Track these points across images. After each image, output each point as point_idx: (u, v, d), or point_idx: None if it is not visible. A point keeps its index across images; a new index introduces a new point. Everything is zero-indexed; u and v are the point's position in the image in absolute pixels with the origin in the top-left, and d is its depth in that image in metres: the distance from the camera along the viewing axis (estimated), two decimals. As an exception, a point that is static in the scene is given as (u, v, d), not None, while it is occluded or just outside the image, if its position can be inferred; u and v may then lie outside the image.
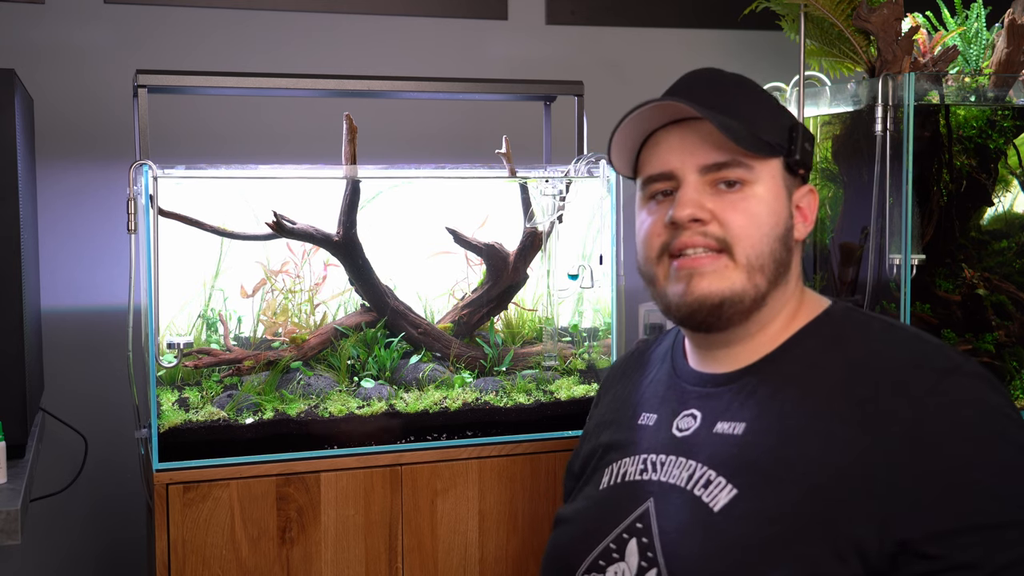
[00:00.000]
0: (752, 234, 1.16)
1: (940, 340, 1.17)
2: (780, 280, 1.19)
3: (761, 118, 1.20)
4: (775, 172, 1.19)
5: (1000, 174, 1.88)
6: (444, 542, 1.72)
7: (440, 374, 1.83)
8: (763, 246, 1.16)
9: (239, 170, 1.74)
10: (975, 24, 1.94)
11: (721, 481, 1.12)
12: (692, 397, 1.23)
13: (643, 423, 1.27)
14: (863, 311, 1.23)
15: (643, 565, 1.14)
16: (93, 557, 2.34)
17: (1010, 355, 1.86)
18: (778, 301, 1.20)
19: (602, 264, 1.88)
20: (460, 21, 2.53)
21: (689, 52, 2.70)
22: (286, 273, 1.82)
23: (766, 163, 1.18)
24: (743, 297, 1.16)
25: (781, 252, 1.18)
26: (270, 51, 2.38)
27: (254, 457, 1.65)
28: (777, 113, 1.22)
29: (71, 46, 2.25)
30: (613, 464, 1.26)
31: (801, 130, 1.21)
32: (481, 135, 2.38)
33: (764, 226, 1.17)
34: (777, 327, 1.21)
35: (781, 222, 1.18)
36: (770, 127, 1.19)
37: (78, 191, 2.26)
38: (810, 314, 1.22)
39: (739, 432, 1.14)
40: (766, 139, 1.18)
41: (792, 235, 1.20)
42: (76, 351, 2.25)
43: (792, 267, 1.21)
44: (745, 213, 1.16)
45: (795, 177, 1.22)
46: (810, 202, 1.24)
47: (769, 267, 1.17)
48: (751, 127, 1.17)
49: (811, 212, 1.23)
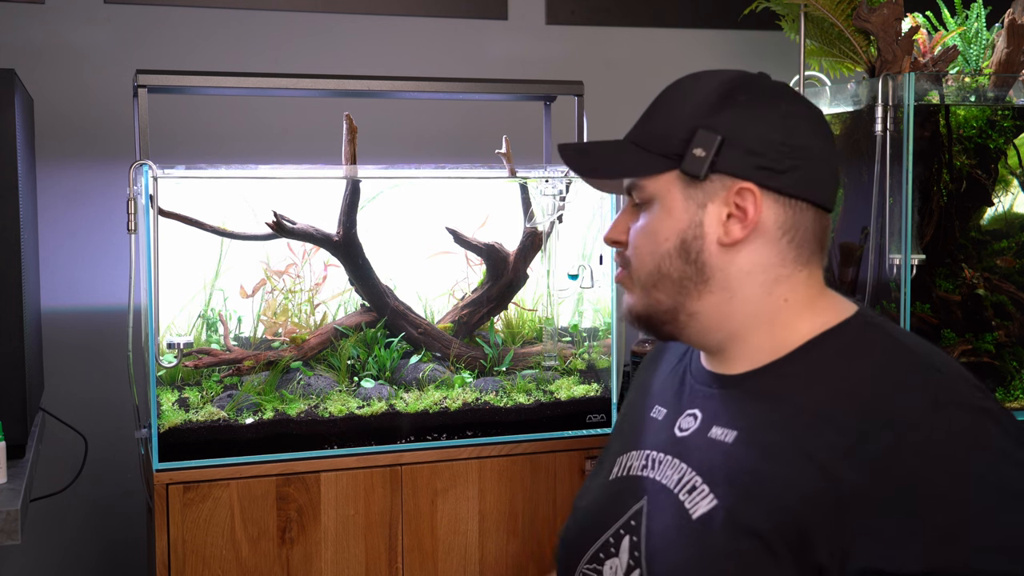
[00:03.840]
0: (642, 252, 1.18)
1: (955, 367, 1.12)
2: (693, 291, 1.16)
3: (657, 131, 1.18)
4: (670, 185, 1.16)
5: (1000, 174, 1.88)
6: (444, 542, 1.72)
7: (440, 374, 1.83)
8: (648, 263, 1.18)
9: (239, 170, 1.74)
10: (975, 24, 1.94)
11: (704, 489, 1.12)
12: (697, 396, 1.23)
13: (654, 416, 1.28)
14: (887, 326, 1.18)
15: (630, 564, 1.15)
16: (93, 557, 2.34)
17: (1010, 355, 1.86)
18: (715, 309, 1.17)
19: (602, 264, 1.88)
20: (460, 21, 2.53)
21: (689, 52, 2.70)
22: (289, 274, 1.82)
23: (656, 179, 1.17)
24: (654, 312, 1.19)
25: (678, 265, 1.16)
26: (270, 51, 2.38)
27: (254, 457, 1.65)
28: (678, 122, 1.17)
29: (71, 46, 2.25)
30: (623, 455, 1.28)
31: (697, 135, 1.15)
32: (481, 135, 2.38)
33: (652, 243, 1.17)
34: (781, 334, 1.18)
35: (675, 235, 1.16)
36: (663, 139, 1.17)
37: (78, 191, 2.26)
38: (827, 322, 1.18)
39: (729, 441, 1.14)
40: (654, 153, 1.17)
41: (699, 245, 1.15)
42: (76, 351, 2.25)
43: (721, 275, 1.16)
44: (640, 231, 1.19)
45: (704, 182, 1.15)
46: (746, 200, 1.14)
47: (663, 282, 1.17)
48: (645, 143, 1.18)
49: (753, 209, 1.14)
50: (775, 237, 1.16)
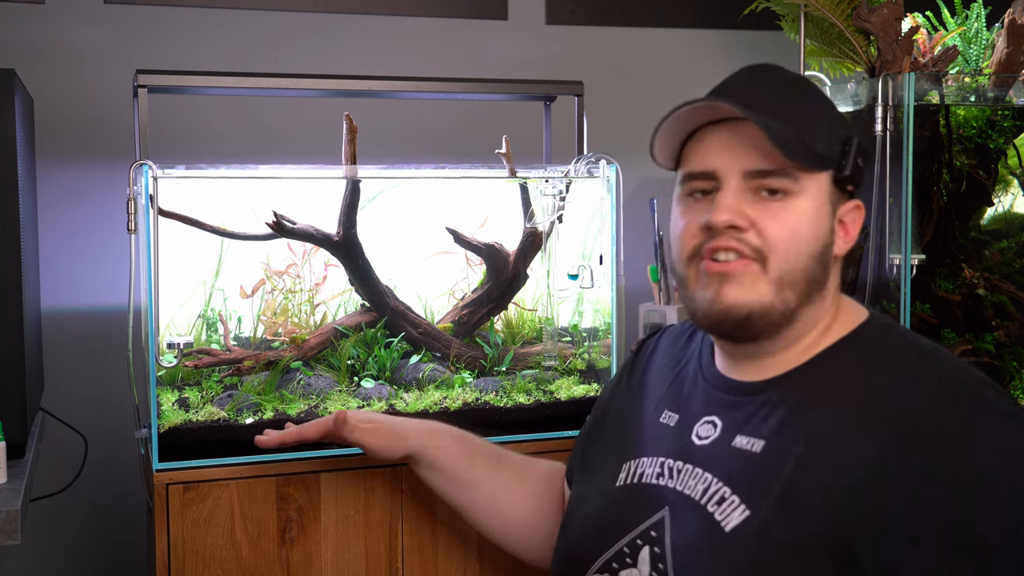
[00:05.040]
0: (788, 248, 1.11)
1: (979, 374, 1.11)
2: (812, 297, 1.15)
3: (814, 127, 1.14)
4: (822, 186, 1.14)
5: (1000, 174, 1.88)
6: (444, 542, 1.72)
7: (440, 374, 1.83)
8: (797, 262, 1.12)
9: (239, 170, 1.74)
10: (975, 24, 1.94)
11: (735, 500, 1.09)
12: (715, 404, 1.20)
13: (664, 421, 1.24)
14: (900, 329, 1.18)
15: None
16: (93, 557, 2.34)
17: (1010, 355, 1.86)
18: (811, 317, 1.16)
19: (602, 264, 1.88)
20: (460, 21, 2.53)
21: (689, 52, 2.70)
22: (289, 275, 1.82)
23: (813, 176, 1.13)
24: (771, 311, 1.12)
25: (815, 269, 1.14)
26: (270, 51, 2.38)
27: (254, 457, 1.65)
28: (833, 123, 1.17)
29: (71, 46, 2.25)
30: (631, 461, 1.24)
31: (855, 144, 1.15)
32: (481, 135, 2.37)
33: (801, 241, 1.12)
34: (809, 341, 1.17)
35: (820, 238, 1.13)
36: (823, 138, 1.14)
37: (78, 191, 2.26)
38: (844, 327, 1.17)
39: (757, 450, 1.11)
40: (817, 150, 1.13)
41: (830, 252, 1.16)
42: (76, 351, 2.25)
43: (829, 284, 1.17)
44: (784, 225, 1.11)
45: (842, 192, 1.17)
46: (855, 218, 1.18)
47: (800, 284, 1.13)
48: (802, 136, 1.12)
49: (854, 228, 1.18)
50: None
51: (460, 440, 1.53)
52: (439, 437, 1.52)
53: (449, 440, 1.52)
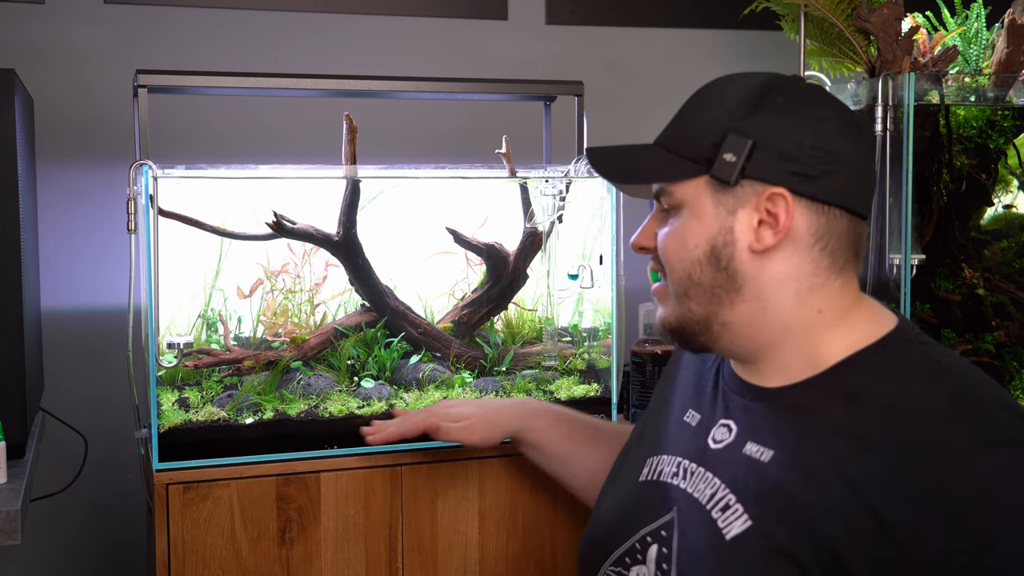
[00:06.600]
0: (677, 259, 1.15)
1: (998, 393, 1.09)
2: (726, 300, 1.14)
3: (687, 134, 1.16)
4: (699, 190, 1.14)
5: (1000, 174, 1.88)
6: (444, 542, 1.72)
7: (440, 374, 1.83)
8: (680, 271, 1.15)
9: (239, 170, 1.74)
10: (975, 24, 1.94)
11: (739, 508, 1.09)
12: (731, 406, 1.20)
13: (687, 420, 1.25)
14: (923, 344, 1.15)
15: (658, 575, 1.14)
16: (93, 557, 2.34)
17: (1010, 355, 1.86)
18: (754, 320, 1.15)
19: (602, 264, 1.88)
20: (460, 21, 2.53)
21: (689, 52, 2.70)
22: (286, 273, 1.82)
23: (685, 184, 1.15)
24: (687, 323, 1.17)
25: (709, 272, 1.14)
26: (270, 51, 2.38)
27: (254, 457, 1.65)
28: (709, 125, 1.14)
29: (71, 46, 2.25)
30: (653, 457, 1.25)
31: (728, 139, 1.12)
32: (481, 135, 2.38)
33: (683, 250, 1.15)
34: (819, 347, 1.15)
35: (706, 241, 1.13)
36: (693, 143, 1.14)
37: (78, 191, 2.26)
38: (864, 338, 1.14)
39: (766, 460, 1.11)
40: (683, 157, 1.15)
41: (731, 251, 1.13)
42: (76, 351, 2.25)
43: (760, 282, 1.13)
44: (672, 237, 1.16)
45: (739, 187, 1.12)
46: (782, 206, 1.12)
47: (695, 291, 1.14)
48: (675, 146, 1.16)
49: (785, 215, 1.12)
50: (808, 244, 1.13)
51: (557, 418, 1.59)
52: (536, 418, 1.58)
53: (545, 420, 1.58)
